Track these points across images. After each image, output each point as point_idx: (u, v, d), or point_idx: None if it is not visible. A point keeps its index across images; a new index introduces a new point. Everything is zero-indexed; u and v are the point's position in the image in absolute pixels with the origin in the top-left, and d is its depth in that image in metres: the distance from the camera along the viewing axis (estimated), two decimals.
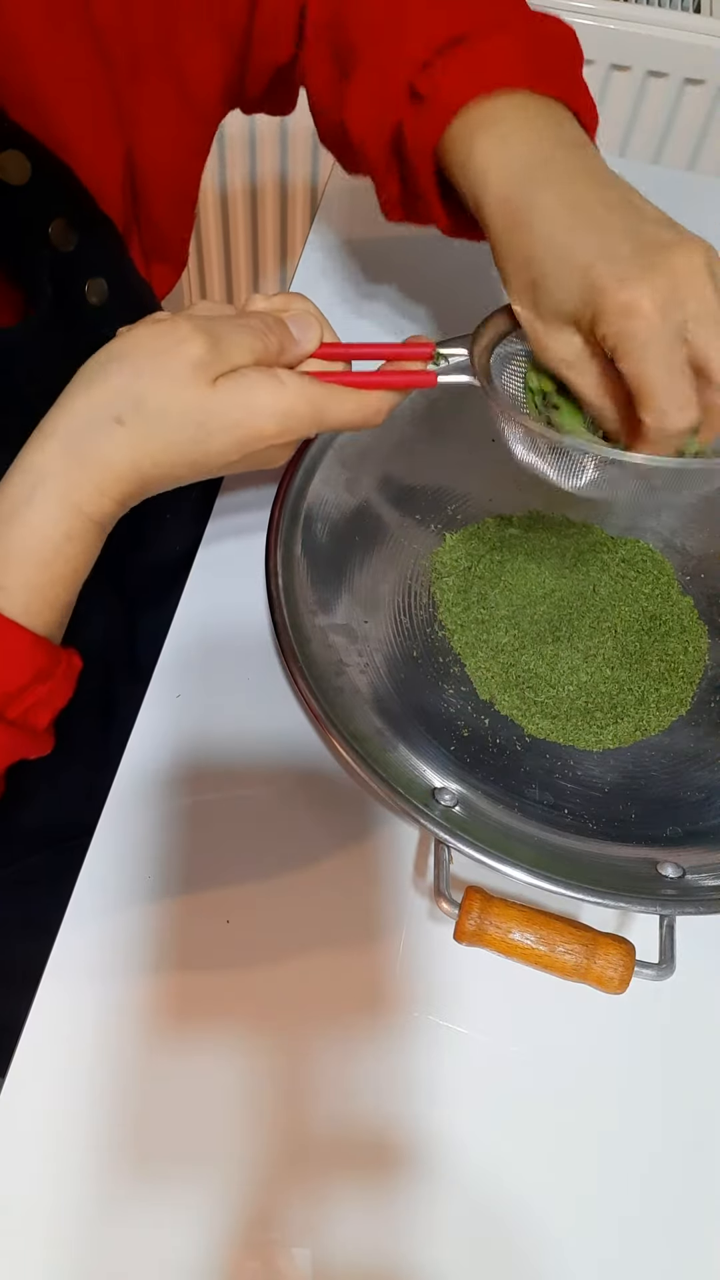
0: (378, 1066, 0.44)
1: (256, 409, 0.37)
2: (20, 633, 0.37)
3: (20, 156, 0.42)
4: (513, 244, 0.41)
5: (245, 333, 0.38)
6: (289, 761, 0.52)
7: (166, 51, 0.48)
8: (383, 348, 0.43)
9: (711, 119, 1.07)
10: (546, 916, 0.41)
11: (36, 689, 0.37)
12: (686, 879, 0.45)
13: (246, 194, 1.28)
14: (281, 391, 0.38)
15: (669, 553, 0.61)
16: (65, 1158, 0.41)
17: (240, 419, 0.37)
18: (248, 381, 0.37)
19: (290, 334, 0.40)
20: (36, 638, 0.37)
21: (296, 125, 1.20)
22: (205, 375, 0.37)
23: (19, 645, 0.37)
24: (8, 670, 0.36)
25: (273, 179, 1.26)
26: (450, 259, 0.73)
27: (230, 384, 0.37)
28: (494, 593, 0.59)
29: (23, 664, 0.37)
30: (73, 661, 0.40)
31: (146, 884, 0.47)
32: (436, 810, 0.46)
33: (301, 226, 1.32)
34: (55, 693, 0.39)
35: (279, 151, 1.23)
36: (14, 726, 0.37)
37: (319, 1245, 0.41)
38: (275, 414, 0.38)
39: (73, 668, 0.40)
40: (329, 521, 0.57)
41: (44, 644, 0.37)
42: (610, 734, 0.54)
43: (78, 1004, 0.45)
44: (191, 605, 0.56)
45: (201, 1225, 0.41)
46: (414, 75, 0.45)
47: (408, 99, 0.46)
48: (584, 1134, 0.44)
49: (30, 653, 0.37)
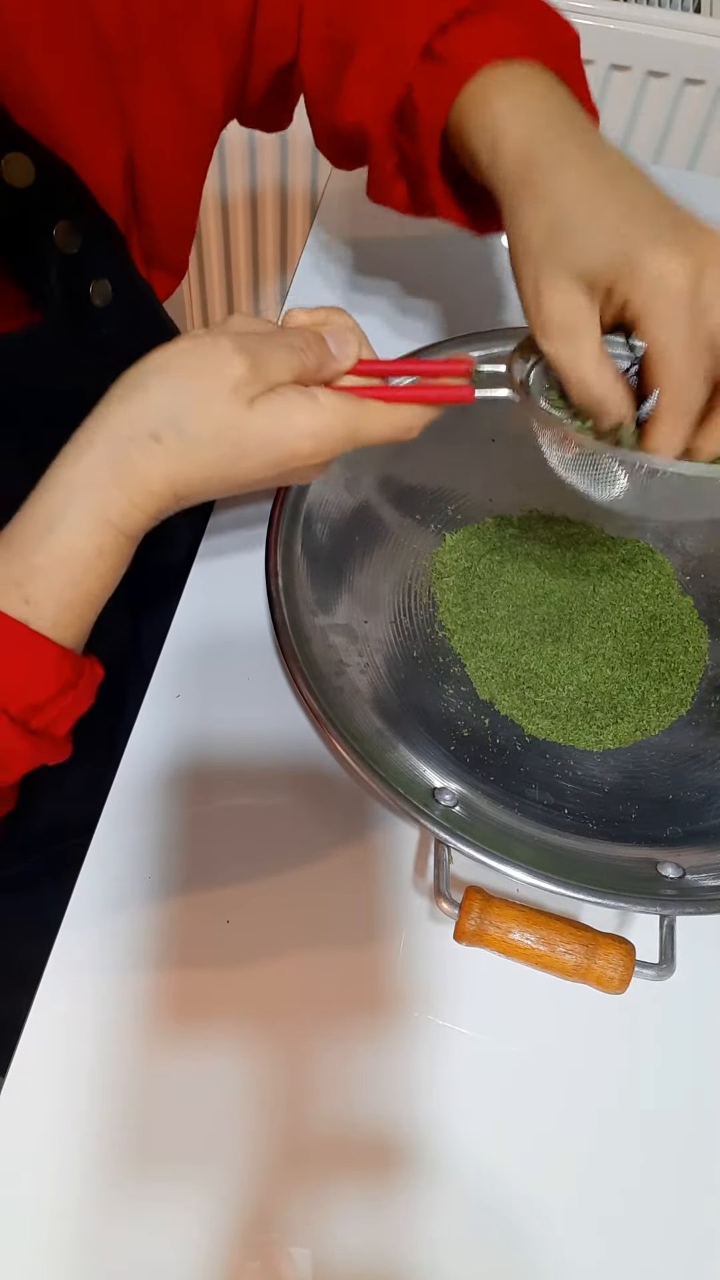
0: (378, 1066, 0.44)
1: (293, 429, 0.37)
2: (49, 647, 0.37)
3: (24, 159, 0.42)
4: (534, 193, 0.41)
5: (284, 351, 0.38)
6: (289, 761, 0.52)
7: (168, 52, 0.48)
8: (421, 363, 0.43)
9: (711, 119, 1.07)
10: (546, 916, 0.41)
11: (62, 700, 0.38)
12: (686, 879, 0.45)
13: (247, 201, 1.29)
14: (318, 412, 0.38)
15: (669, 553, 0.61)
16: (65, 1157, 0.41)
17: (277, 439, 0.37)
18: (285, 402, 0.37)
19: (329, 351, 0.40)
20: (64, 651, 0.37)
21: (296, 133, 1.20)
22: (244, 396, 0.37)
23: (47, 659, 0.37)
24: (36, 683, 0.37)
25: (273, 186, 1.26)
26: (450, 262, 0.74)
27: (268, 405, 0.37)
28: (494, 593, 0.59)
29: (50, 677, 0.37)
30: (95, 671, 0.40)
31: (147, 883, 0.47)
32: (436, 810, 0.46)
33: (301, 233, 1.32)
34: (78, 702, 0.39)
35: (279, 159, 1.23)
36: (37, 736, 0.38)
37: (319, 1245, 0.41)
38: (311, 434, 0.38)
39: (95, 677, 0.40)
40: (329, 521, 0.57)
41: (70, 656, 0.38)
42: (610, 734, 0.54)
43: (78, 1003, 0.45)
44: (191, 605, 0.56)
45: (201, 1225, 0.41)
46: (430, 37, 0.45)
47: (419, 61, 0.46)
48: (584, 1134, 0.44)
49: (58, 666, 0.37)
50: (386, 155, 0.51)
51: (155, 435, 0.36)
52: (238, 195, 1.28)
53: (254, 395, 0.37)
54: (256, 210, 1.30)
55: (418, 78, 0.46)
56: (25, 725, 0.37)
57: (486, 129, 0.43)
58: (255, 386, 0.37)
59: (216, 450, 0.37)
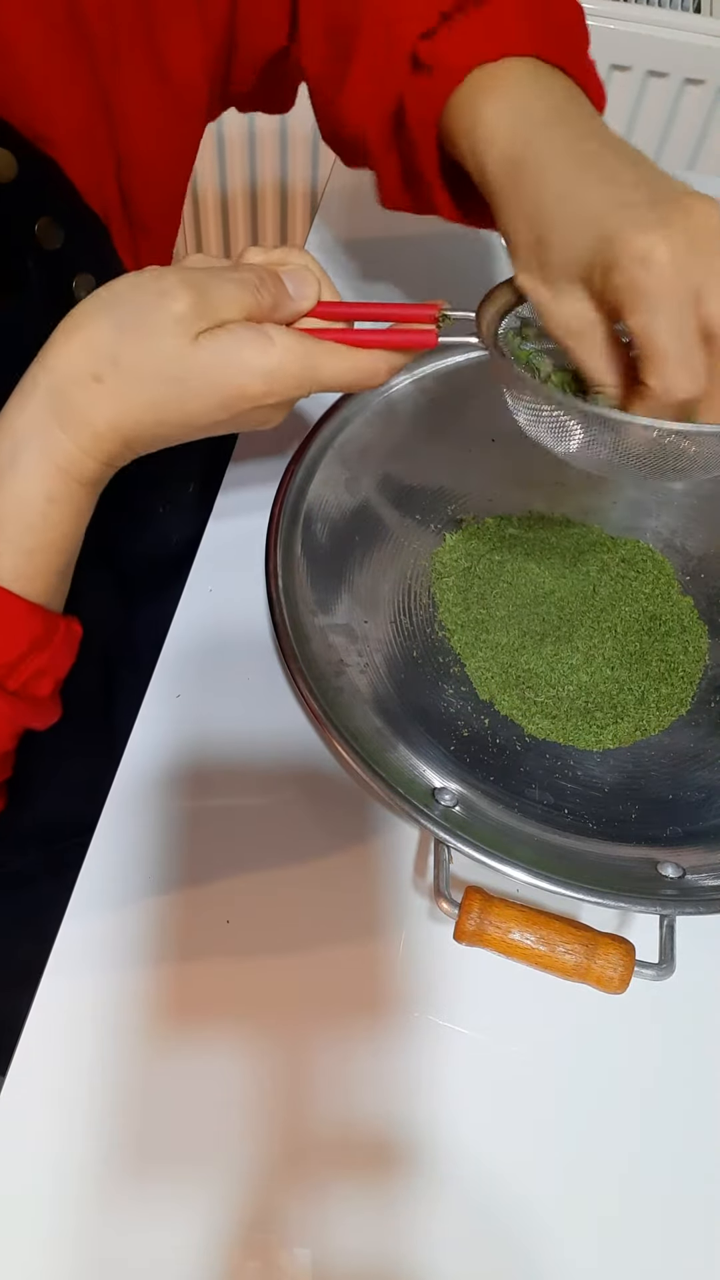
0: (378, 1066, 0.44)
1: (241, 367, 0.36)
2: (13, 600, 0.36)
3: (6, 154, 0.42)
4: (520, 198, 0.40)
5: (235, 286, 0.36)
6: (289, 761, 0.52)
7: (148, 38, 0.47)
8: (387, 307, 0.41)
9: (711, 119, 1.07)
10: (546, 916, 0.41)
11: (35, 657, 0.37)
12: (686, 879, 0.45)
13: (246, 195, 1.29)
14: (268, 349, 0.36)
15: (669, 553, 0.61)
16: (65, 1157, 0.41)
17: (224, 377, 0.36)
18: (232, 338, 0.36)
19: (285, 289, 0.38)
20: (31, 605, 0.36)
21: (296, 126, 1.20)
22: (188, 331, 0.35)
23: (13, 612, 0.36)
24: (4, 639, 0.36)
25: (272, 180, 1.26)
26: (449, 260, 0.74)
27: (213, 340, 0.35)
28: (494, 593, 0.59)
29: (18, 632, 0.36)
30: (72, 627, 0.39)
31: (147, 883, 0.47)
32: (436, 810, 0.46)
33: (301, 228, 1.32)
34: (55, 660, 0.38)
35: (279, 153, 1.23)
36: (16, 697, 0.37)
37: (319, 1245, 0.41)
38: (261, 372, 0.36)
39: (72, 634, 0.39)
40: (329, 521, 0.57)
41: (39, 611, 0.37)
42: (610, 734, 0.54)
43: (78, 1002, 0.45)
44: (191, 605, 0.56)
45: (201, 1225, 0.41)
46: (416, 45, 0.44)
47: (409, 71, 0.45)
48: (584, 1134, 0.44)
49: (26, 620, 0.36)
50: (389, 162, 0.51)
51: (96, 375, 0.35)
52: (237, 189, 1.28)
53: (199, 330, 0.35)
54: (256, 205, 1.30)
55: (408, 88, 0.46)
56: (1, 685, 0.36)
57: (474, 136, 0.42)
58: (201, 322, 0.35)
59: (160, 389, 0.36)
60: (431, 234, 0.74)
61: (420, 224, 0.66)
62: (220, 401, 0.36)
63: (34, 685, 0.37)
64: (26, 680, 0.37)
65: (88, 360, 0.35)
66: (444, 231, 0.54)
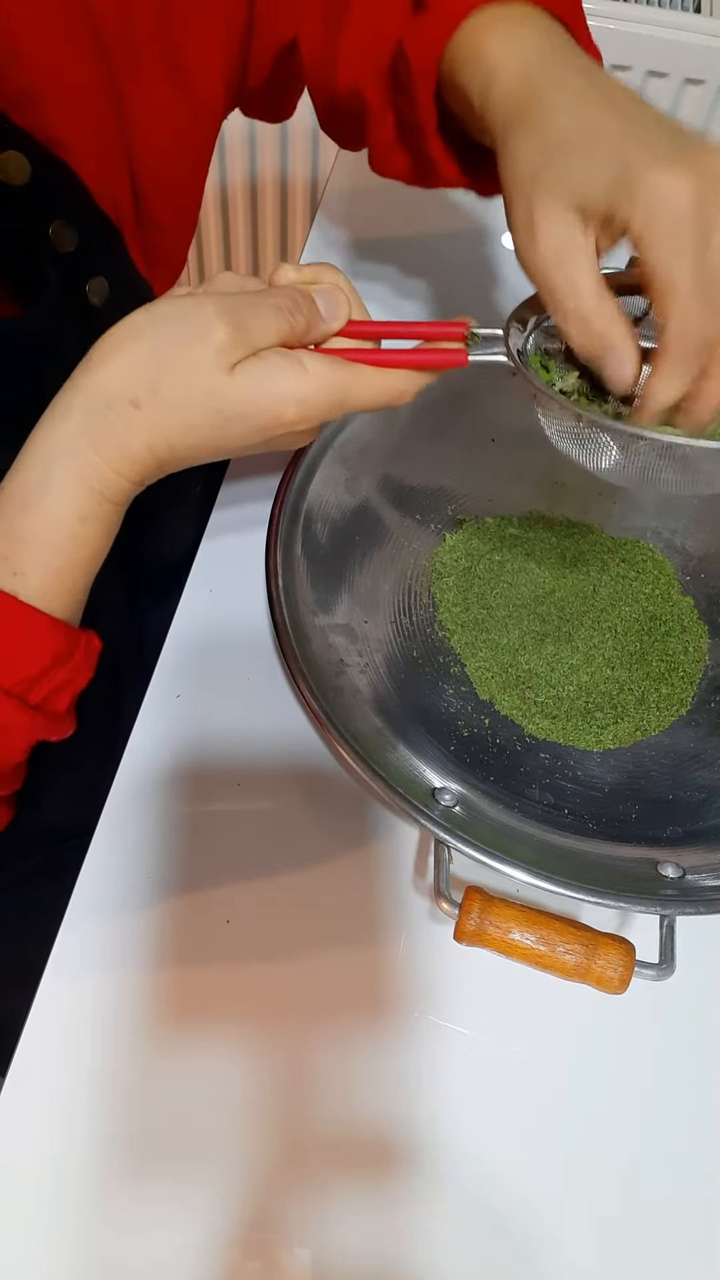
0: (378, 1066, 0.44)
1: (276, 396, 0.36)
2: (38, 617, 0.36)
3: (20, 157, 0.42)
4: (530, 119, 0.39)
5: (270, 313, 0.37)
6: (289, 761, 0.51)
7: (165, 40, 0.47)
8: (415, 326, 0.41)
9: (711, 119, 1.07)
10: (546, 916, 0.41)
11: (57, 672, 0.37)
12: (686, 879, 0.45)
13: (246, 192, 1.29)
14: (303, 378, 0.37)
15: (669, 553, 0.61)
16: (65, 1157, 0.41)
17: (260, 407, 0.36)
18: (268, 368, 0.36)
19: (318, 311, 0.39)
20: (54, 621, 0.37)
21: (296, 123, 1.20)
22: (226, 361, 0.35)
23: (37, 629, 0.36)
24: (28, 655, 0.36)
25: (273, 177, 1.26)
26: (450, 260, 0.73)
27: (251, 371, 0.36)
28: (494, 593, 0.59)
29: (42, 648, 0.36)
30: (92, 642, 0.39)
31: (146, 884, 0.47)
32: (436, 810, 0.46)
33: (301, 225, 1.32)
34: (76, 675, 0.38)
35: (279, 150, 1.23)
36: (37, 711, 0.37)
37: (319, 1245, 0.41)
38: (296, 400, 0.37)
39: (92, 649, 0.39)
40: (329, 521, 0.57)
41: (61, 627, 0.37)
42: (610, 734, 0.54)
43: (78, 1003, 0.45)
44: (191, 605, 0.56)
45: (201, 1225, 0.40)
46: None
47: (408, 15, 0.45)
48: (584, 1133, 0.44)
49: (48, 636, 0.36)
50: (384, 118, 0.50)
51: (135, 401, 0.35)
52: (237, 187, 1.28)
53: (236, 360, 0.36)
54: (256, 202, 1.30)
55: (407, 31, 0.45)
56: (23, 699, 0.37)
57: (479, 68, 0.41)
58: (238, 351, 0.36)
59: (198, 417, 0.36)
60: (432, 234, 0.74)
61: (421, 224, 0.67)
62: (256, 428, 0.37)
63: (54, 700, 0.38)
64: (48, 695, 0.37)
65: (125, 387, 0.36)
66: (445, 232, 0.55)
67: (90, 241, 0.47)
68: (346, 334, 0.40)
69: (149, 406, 0.36)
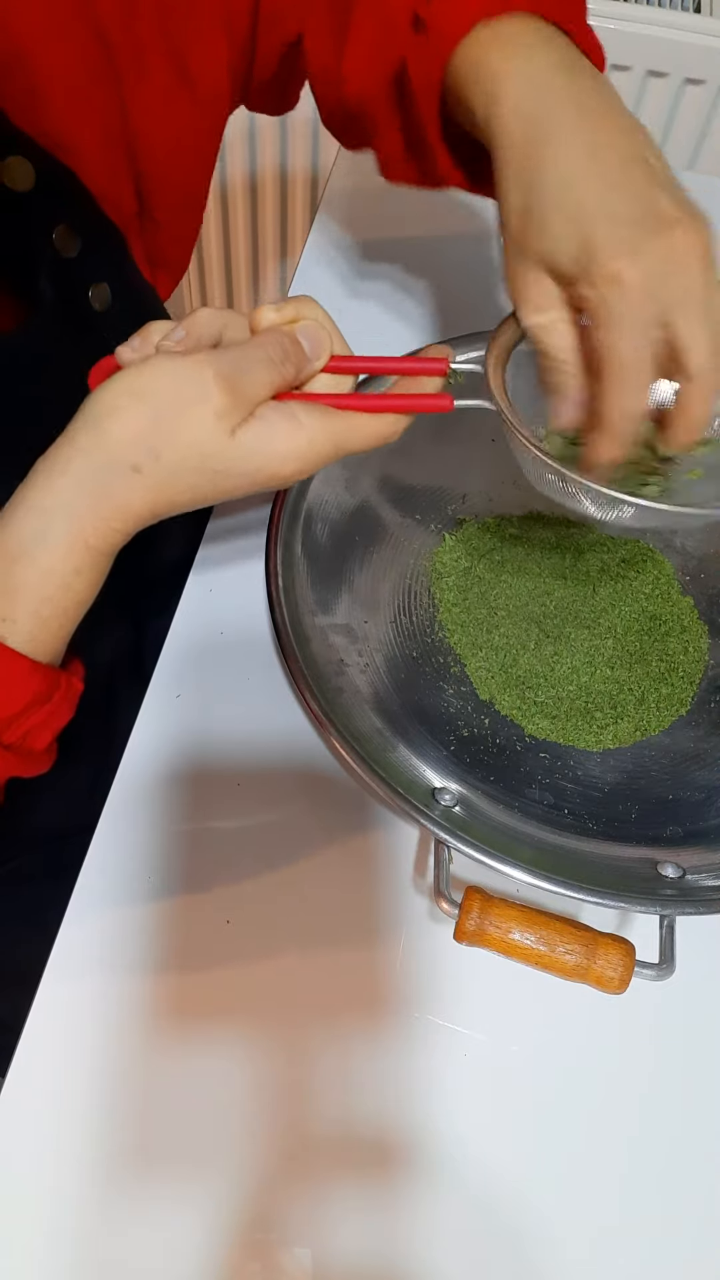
0: (377, 1066, 0.44)
1: (274, 454, 0.37)
2: (20, 661, 0.36)
3: (24, 162, 0.42)
4: (523, 165, 0.40)
5: (263, 368, 0.38)
6: (289, 762, 0.52)
7: (169, 42, 0.47)
8: (394, 361, 0.42)
9: (711, 119, 1.07)
10: (546, 916, 0.41)
11: (33, 714, 0.37)
12: (686, 879, 0.45)
13: (246, 188, 1.28)
14: (298, 433, 0.38)
15: (669, 553, 0.61)
16: (65, 1157, 0.41)
17: (260, 465, 0.38)
18: (268, 428, 0.37)
19: (304, 354, 0.39)
20: (34, 665, 0.37)
21: (296, 116, 1.20)
22: (226, 426, 0.36)
23: (16, 673, 0.36)
24: (5, 696, 0.36)
25: (272, 173, 1.26)
26: (450, 260, 0.73)
27: (252, 432, 0.37)
28: (494, 593, 0.59)
29: (21, 690, 0.37)
30: (72, 684, 0.39)
31: (147, 883, 0.47)
32: (436, 810, 0.46)
33: (302, 220, 1.32)
34: (54, 715, 0.38)
35: (279, 144, 1.23)
36: (10, 750, 0.37)
37: (319, 1245, 0.41)
38: (296, 457, 0.38)
39: (72, 689, 0.39)
40: (329, 521, 0.57)
41: (41, 670, 0.37)
42: (610, 734, 0.54)
43: (78, 1003, 0.45)
44: (191, 606, 0.56)
45: (201, 1225, 0.41)
46: (416, 5, 0.44)
47: (410, 32, 0.45)
48: (584, 1133, 0.44)
49: (26, 680, 0.37)
50: (391, 130, 0.50)
51: (135, 466, 0.36)
52: (237, 182, 1.27)
53: (236, 424, 0.37)
54: (256, 197, 1.29)
55: (410, 50, 0.45)
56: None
57: (480, 88, 0.42)
58: (238, 414, 0.36)
59: (199, 478, 0.37)
60: (432, 235, 0.74)
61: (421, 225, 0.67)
62: (255, 483, 0.38)
63: (31, 739, 0.38)
64: (24, 735, 0.38)
65: (126, 451, 0.36)
66: (445, 232, 0.55)
67: (93, 247, 0.47)
68: (328, 370, 0.41)
69: (151, 471, 0.36)
